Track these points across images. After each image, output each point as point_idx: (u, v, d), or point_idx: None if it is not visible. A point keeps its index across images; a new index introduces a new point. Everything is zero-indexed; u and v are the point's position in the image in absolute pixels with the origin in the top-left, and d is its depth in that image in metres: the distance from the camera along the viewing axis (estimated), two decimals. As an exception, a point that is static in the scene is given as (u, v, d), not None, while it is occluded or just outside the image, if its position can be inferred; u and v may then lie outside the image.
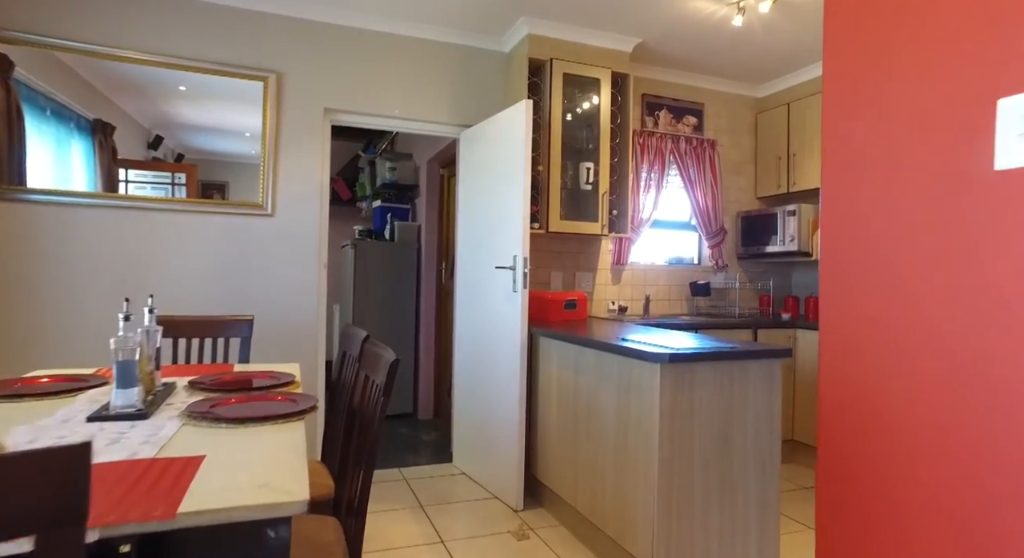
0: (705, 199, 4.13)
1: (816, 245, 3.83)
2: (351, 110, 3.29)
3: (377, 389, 1.54)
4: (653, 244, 4.25)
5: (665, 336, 2.51)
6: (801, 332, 3.71)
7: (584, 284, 3.89)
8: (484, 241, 3.27)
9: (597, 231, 3.49)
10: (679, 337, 2.48)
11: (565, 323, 3.23)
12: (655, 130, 4.04)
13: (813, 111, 3.93)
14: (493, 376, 3.12)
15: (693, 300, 4.20)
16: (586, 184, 3.50)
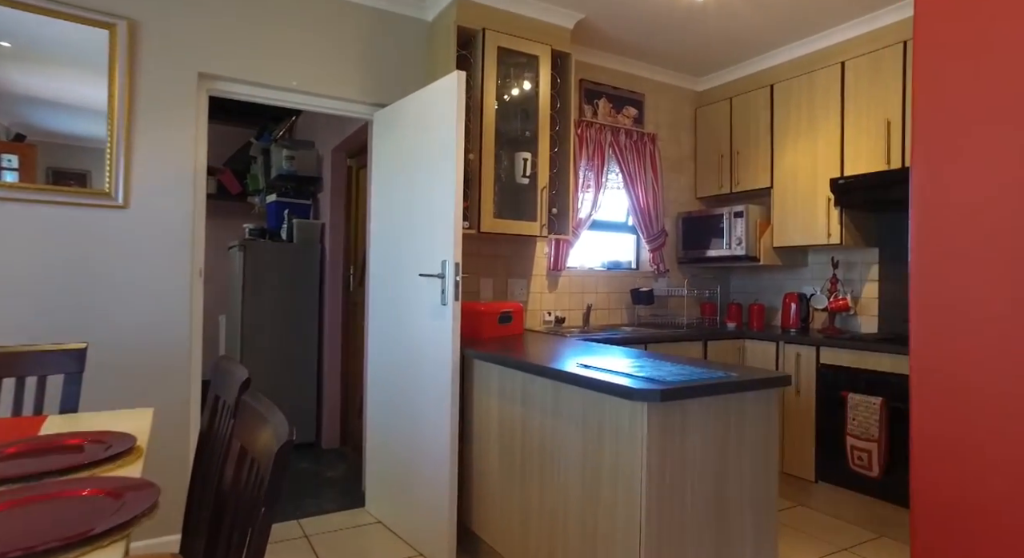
0: (646, 198, 3.79)
1: (764, 248, 3.59)
2: (236, 77, 2.61)
3: (259, 477, 0.97)
4: (589, 247, 3.85)
5: (631, 359, 2.09)
6: (750, 343, 3.45)
7: (518, 293, 3.42)
8: (405, 244, 2.71)
9: (535, 232, 3.03)
10: (647, 360, 2.06)
11: (501, 340, 2.74)
12: (594, 120, 3.64)
13: (757, 107, 3.69)
14: (416, 407, 2.57)
15: (634, 309, 3.85)
16: (523, 177, 3.03)
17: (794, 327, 3.50)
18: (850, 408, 2.89)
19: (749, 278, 4.12)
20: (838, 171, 3.25)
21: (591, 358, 2.09)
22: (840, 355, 2.98)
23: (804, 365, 3.15)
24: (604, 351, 2.33)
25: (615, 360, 2.03)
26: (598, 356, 2.15)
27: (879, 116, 3.07)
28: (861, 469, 2.83)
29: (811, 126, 3.39)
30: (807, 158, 3.40)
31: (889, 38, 3.07)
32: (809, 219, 3.39)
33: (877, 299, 3.38)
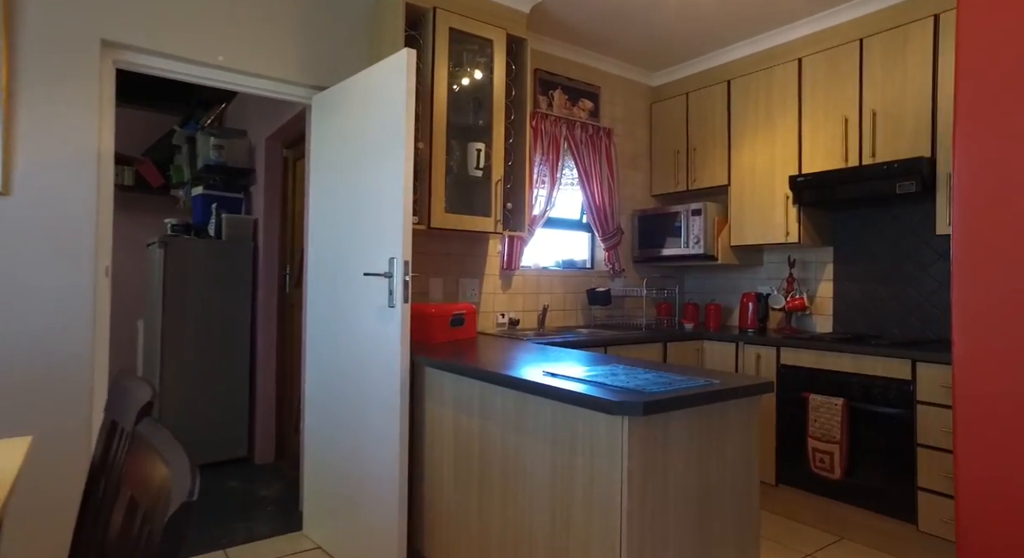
0: (601, 195, 3.65)
1: (722, 247, 3.51)
2: (149, 48, 2.29)
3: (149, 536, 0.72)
4: (543, 246, 3.68)
5: (602, 366, 1.91)
6: (708, 344, 3.36)
7: (470, 293, 3.20)
8: (348, 240, 2.45)
9: (489, 228, 2.83)
10: (620, 366, 1.89)
11: (453, 345, 2.52)
12: (549, 112, 3.48)
13: (714, 103, 3.62)
14: (361, 419, 2.32)
15: (589, 309, 3.71)
16: (476, 169, 2.82)
17: (752, 327, 3.44)
18: (811, 410, 2.83)
19: (705, 277, 4.05)
20: (796, 169, 3.20)
21: (556, 365, 1.90)
22: (801, 355, 2.92)
23: (764, 366, 3.08)
24: (567, 356, 2.15)
25: (584, 367, 1.85)
26: (563, 363, 1.97)
27: (837, 114, 3.04)
28: (822, 471, 2.77)
29: (769, 123, 3.33)
30: (765, 155, 3.35)
31: (845, 36, 3.04)
32: (767, 217, 3.33)
33: (832, 298, 3.36)
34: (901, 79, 2.81)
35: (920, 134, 2.74)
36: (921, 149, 2.74)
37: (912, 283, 3.05)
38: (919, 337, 2.99)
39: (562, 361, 1.99)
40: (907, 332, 3.06)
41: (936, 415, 2.47)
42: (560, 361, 1.99)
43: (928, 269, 2.99)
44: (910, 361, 2.55)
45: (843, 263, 3.32)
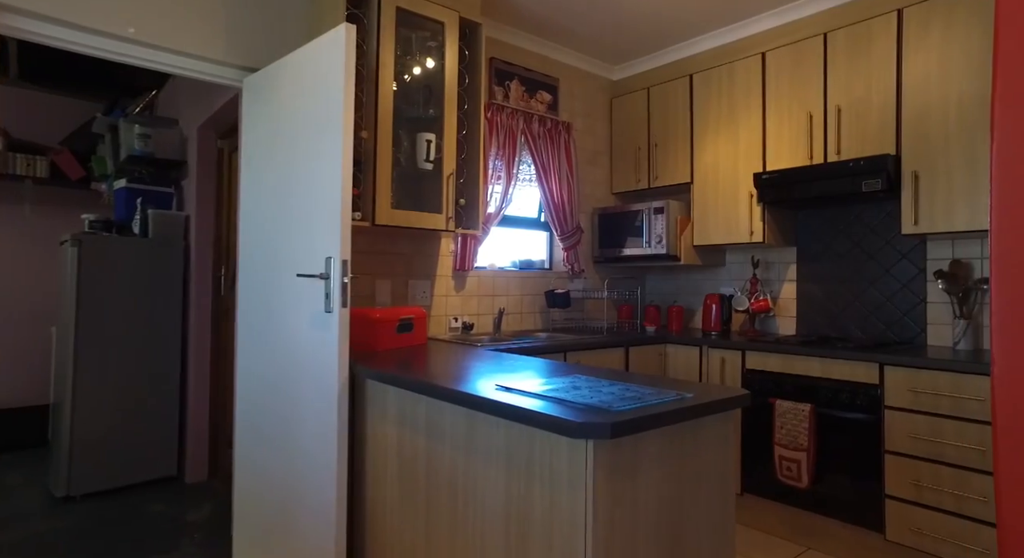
0: (560, 192, 3.48)
1: (684, 247, 3.39)
2: (40, 12, 1.99)
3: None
4: (499, 245, 3.49)
5: (561, 378, 1.73)
6: (672, 348, 3.23)
7: (420, 296, 2.98)
8: (281, 238, 2.21)
9: (440, 225, 2.62)
10: (581, 378, 1.71)
11: (400, 353, 2.30)
12: (505, 104, 3.29)
13: (676, 98, 3.50)
14: (295, 437, 2.08)
15: (548, 312, 3.53)
16: (426, 162, 2.60)
17: (715, 330, 3.33)
18: (778, 416, 2.72)
19: (667, 278, 3.93)
20: (761, 166, 3.10)
21: (511, 378, 1.71)
22: (767, 359, 2.81)
23: (729, 371, 2.96)
24: (523, 365, 1.96)
25: (542, 379, 1.67)
26: (519, 374, 1.78)
27: (801, 110, 2.95)
28: (789, 480, 2.67)
29: (732, 119, 3.23)
30: (728, 152, 3.24)
31: (809, 29, 2.95)
32: (731, 216, 3.22)
33: (795, 299, 3.28)
34: (865, 75, 2.74)
35: (885, 131, 2.67)
36: (886, 146, 2.67)
37: (875, 284, 2.98)
38: (882, 339, 2.93)
39: (518, 372, 1.80)
40: (870, 333, 2.99)
41: (904, 420, 2.38)
42: (516, 372, 1.80)
43: (891, 269, 2.93)
44: (878, 365, 2.46)
45: (806, 263, 3.24)
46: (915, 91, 2.58)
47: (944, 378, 2.29)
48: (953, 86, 2.48)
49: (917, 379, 2.36)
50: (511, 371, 1.81)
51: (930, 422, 2.32)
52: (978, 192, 2.41)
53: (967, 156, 2.44)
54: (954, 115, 2.47)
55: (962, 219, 2.46)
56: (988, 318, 2.65)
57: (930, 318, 2.81)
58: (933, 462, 2.32)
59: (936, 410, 2.31)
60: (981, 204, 2.41)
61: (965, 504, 2.23)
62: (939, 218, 2.51)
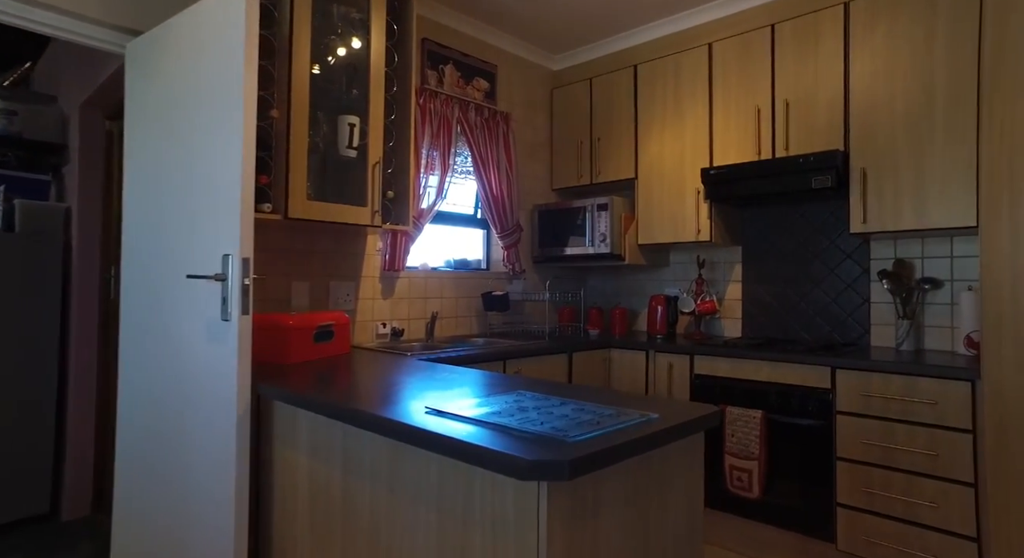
0: (499, 186, 3.25)
1: (629, 246, 3.23)
2: None
3: None
4: (432, 243, 3.22)
5: (504, 397, 1.49)
6: (617, 352, 3.06)
7: (343, 300, 2.67)
8: (170, 233, 1.86)
9: (365, 220, 2.33)
10: (528, 397, 1.48)
11: (318, 365, 2.00)
12: (439, 89, 3.02)
13: (620, 89, 3.34)
14: (186, 468, 1.74)
15: (485, 316, 3.29)
16: (349, 148, 2.31)
17: (661, 333, 3.19)
18: (728, 423, 2.59)
19: (609, 279, 3.77)
20: (707, 161, 2.98)
21: (444, 397, 1.46)
22: (716, 364, 2.68)
23: (677, 376, 2.82)
24: (459, 379, 1.71)
25: (480, 399, 1.42)
26: (454, 392, 1.52)
27: (749, 103, 2.84)
28: (740, 491, 2.54)
29: (678, 112, 3.09)
30: (674, 147, 3.10)
31: (757, 20, 2.85)
32: (677, 214, 3.09)
33: (741, 301, 3.18)
34: (813, 69, 2.65)
35: (833, 127, 2.59)
36: (834, 143, 2.59)
37: (820, 284, 2.92)
38: (828, 340, 2.86)
39: (453, 388, 1.55)
40: (815, 335, 2.93)
41: (855, 425, 2.30)
42: (450, 388, 1.55)
43: (835, 270, 2.87)
44: (829, 369, 2.37)
45: (752, 263, 3.15)
46: (862, 87, 2.51)
47: (896, 381, 2.21)
48: (899, 83, 2.42)
49: (869, 383, 2.27)
50: (445, 387, 1.55)
51: (881, 427, 2.24)
52: (925, 191, 2.36)
53: (913, 154, 2.38)
54: (901, 113, 2.41)
55: (909, 218, 2.40)
56: (930, 319, 2.62)
57: (874, 319, 2.76)
58: (884, 468, 2.24)
59: (887, 414, 2.23)
60: (928, 203, 2.35)
61: (915, 510, 2.16)
62: (887, 217, 2.45)
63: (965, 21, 2.27)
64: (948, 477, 2.11)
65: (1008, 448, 1.94)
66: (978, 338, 2.41)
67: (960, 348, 2.45)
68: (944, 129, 2.32)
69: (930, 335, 2.62)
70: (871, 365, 2.26)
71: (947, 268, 2.59)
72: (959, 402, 2.10)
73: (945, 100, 2.31)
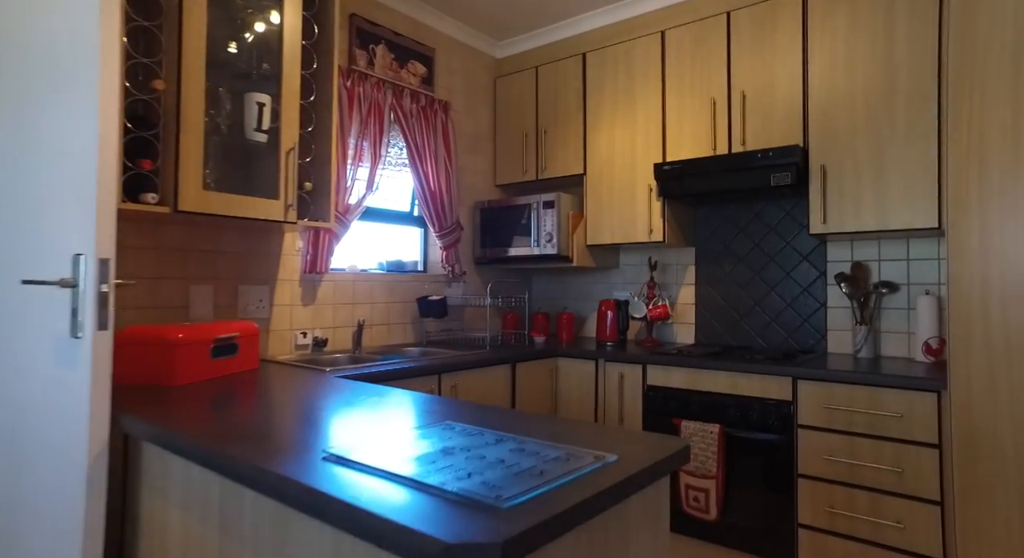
0: (437, 180, 2.97)
1: (577, 246, 3.01)
2: None
3: None
4: (362, 243, 2.91)
5: (428, 431, 1.23)
6: (564, 362, 2.83)
7: (255, 307, 2.33)
8: (2, 226, 1.49)
9: (276, 214, 2.01)
10: (458, 433, 1.21)
11: (213, 388, 1.67)
12: (370, 72, 2.71)
13: (567, 79, 3.12)
14: (19, 534, 1.38)
15: (421, 322, 3.00)
16: (257, 131, 1.98)
17: (611, 340, 2.98)
18: (683, 438, 2.40)
19: (554, 283, 3.55)
20: (660, 156, 2.79)
21: (355, 433, 1.17)
22: (671, 375, 2.49)
23: (629, 387, 2.61)
24: (380, 403, 1.42)
25: (400, 434, 1.14)
26: (369, 424, 1.24)
27: (704, 95, 2.67)
28: (697, 512, 2.35)
29: (629, 104, 2.89)
30: (625, 141, 2.90)
31: (712, 7, 2.68)
32: (628, 212, 2.89)
33: (694, 305, 3.01)
34: (770, 59, 2.50)
35: (792, 121, 2.44)
36: (793, 137, 2.44)
37: (776, 288, 2.78)
38: (785, 347, 2.73)
39: (370, 416, 1.27)
40: (771, 341, 2.78)
41: (817, 440, 2.14)
42: (367, 416, 1.26)
43: (791, 272, 2.74)
44: (791, 379, 2.21)
45: (705, 265, 2.99)
46: (821, 81, 2.37)
47: (860, 393, 2.07)
48: (859, 78, 2.28)
49: (832, 394, 2.12)
50: (360, 416, 1.26)
51: (845, 441, 2.09)
52: (887, 191, 2.23)
53: (874, 152, 2.25)
54: (861, 107, 2.28)
55: (870, 219, 2.27)
56: (886, 324, 2.51)
57: (830, 324, 2.63)
58: (848, 485, 2.09)
59: (851, 428, 2.09)
60: (890, 204, 2.23)
61: (881, 531, 2.02)
62: (848, 217, 2.31)
63: (924, 14, 2.16)
64: (914, 495, 1.98)
65: (977, 465, 1.82)
66: (937, 345, 2.31)
67: (918, 355, 2.34)
68: (905, 126, 2.19)
69: (887, 341, 2.51)
70: (834, 375, 2.11)
71: (903, 271, 2.49)
72: (925, 415, 1.96)
73: (906, 96, 2.19)
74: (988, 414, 1.80)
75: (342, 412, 1.33)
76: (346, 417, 1.28)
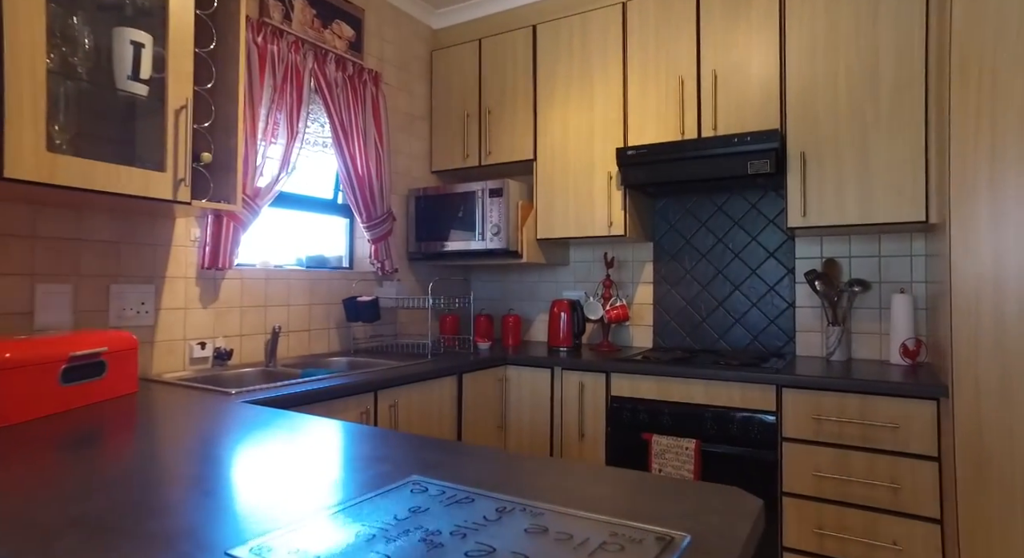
0: (366, 164, 2.55)
1: (525, 241, 2.68)
2: None
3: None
4: (276, 234, 2.44)
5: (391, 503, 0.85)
6: (514, 371, 2.49)
7: (133, 311, 1.83)
8: None
9: (164, 191, 1.54)
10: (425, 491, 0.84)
11: (62, 425, 1.20)
12: (286, 27, 2.26)
13: (516, 53, 2.79)
14: None
15: (348, 328, 2.57)
16: (133, 81, 1.50)
17: (565, 345, 2.68)
18: (655, 456, 2.13)
19: (497, 281, 3.21)
20: (622, 140, 2.52)
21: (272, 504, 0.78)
22: (639, 384, 2.21)
23: (591, 399, 2.31)
24: (306, 444, 1.02)
25: (342, 508, 0.76)
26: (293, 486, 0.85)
27: (671, 73, 2.42)
28: (671, 539, 2.08)
29: (586, 82, 2.60)
30: (582, 123, 2.61)
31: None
32: (585, 203, 2.59)
33: (652, 305, 2.77)
34: (744, 37, 2.28)
35: (768, 104, 2.23)
36: (769, 122, 2.23)
37: (740, 286, 2.58)
38: (752, 350, 2.53)
39: (292, 469, 0.87)
40: (735, 345, 2.58)
41: (804, 454, 1.93)
42: (288, 469, 0.87)
43: (757, 270, 2.55)
44: (775, 388, 1.99)
45: (664, 262, 2.75)
46: (800, 61, 2.17)
47: (851, 401, 1.87)
48: (841, 60, 2.11)
49: (821, 404, 1.92)
50: (278, 469, 0.86)
51: (835, 455, 1.89)
52: (871, 181, 2.06)
53: (858, 139, 2.08)
54: (843, 92, 2.10)
55: (854, 211, 2.09)
56: (858, 324, 2.37)
57: (799, 325, 2.46)
58: (838, 504, 1.89)
59: (842, 441, 1.89)
60: (875, 195, 2.06)
61: (874, 554, 1.83)
62: (829, 209, 2.13)
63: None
64: (912, 513, 1.80)
65: (986, 480, 1.65)
66: (914, 346, 2.18)
67: (894, 357, 2.19)
68: (890, 113, 2.03)
69: (859, 342, 2.37)
70: (824, 383, 1.90)
71: (875, 268, 2.35)
72: (923, 425, 1.79)
73: (892, 81, 2.03)
74: (999, 423, 1.64)
75: (254, 464, 0.92)
76: (260, 474, 0.87)
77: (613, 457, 2.25)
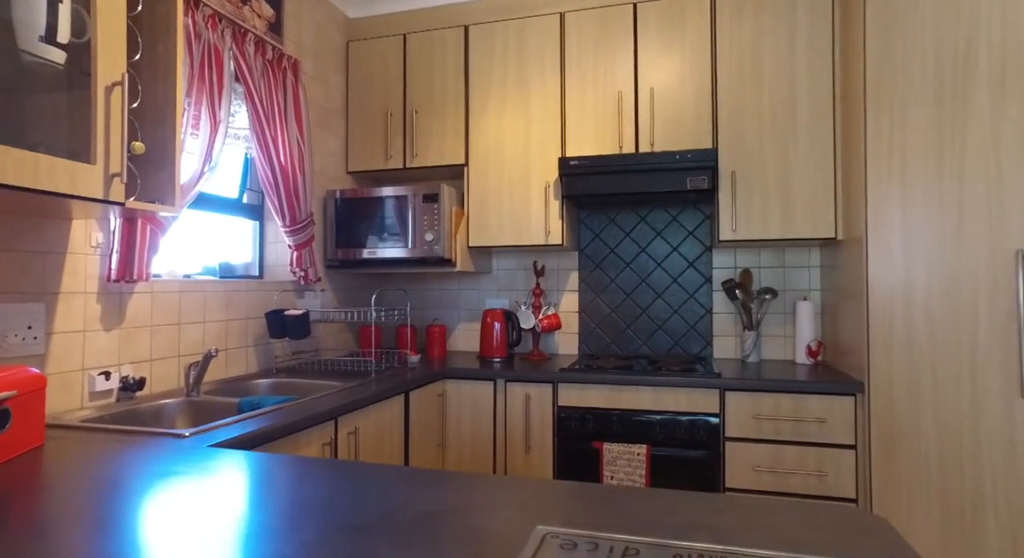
0: (290, 161, 2.28)
1: (459, 249, 2.58)
2: None
3: None
4: (179, 238, 2.09)
5: None
6: (453, 384, 2.39)
7: (17, 337, 1.45)
8: None
9: (95, 190, 1.24)
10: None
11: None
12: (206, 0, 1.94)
13: (446, 53, 2.67)
14: None
15: (268, 345, 2.28)
16: (46, 43, 1.19)
17: (499, 356, 2.62)
18: (607, 464, 2.17)
19: (418, 291, 3.05)
20: (559, 150, 2.52)
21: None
22: (587, 393, 2.23)
23: (537, 410, 2.29)
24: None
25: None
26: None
27: (609, 87, 2.47)
28: (624, 543, 2.13)
29: (522, 89, 2.57)
30: (517, 130, 2.57)
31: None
32: (521, 211, 2.56)
33: (578, 313, 2.82)
34: (679, 56, 2.41)
35: (702, 124, 2.38)
36: (703, 141, 2.38)
37: (663, 294, 2.72)
38: (673, 355, 2.68)
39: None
40: (657, 349, 2.72)
41: (745, 452, 2.09)
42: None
43: (678, 279, 2.71)
44: (718, 391, 2.12)
45: (589, 271, 2.81)
46: (730, 84, 2.35)
47: (787, 401, 2.06)
48: (765, 86, 2.31)
49: (760, 404, 2.08)
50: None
51: (772, 450, 2.07)
52: (792, 200, 2.28)
53: (780, 161, 2.29)
54: (768, 116, 2.31)
55: (776, 228, 2.30)
56: (767, 329, 2.61)
57: (716, 330, 2.66)
58: (775, 494, 2.07)
59: (778, 437, 2.07)
60: (794, 213, 2.28)
61: (805, 537, 2.03)
62: (756, 225, 2.32)
63: (821, 33, 2.26)
64: (835, 496, 2.02)
65: (897, 462, 1.91)
66: (816, 347, 2.45)
67: (800, 357, 2.45)
68: (808, 138, 2.27)
69: (768, 345, 2.61)
70: (763, 385, 2.07)
71: (780, 278, 2.61)
72: (844, 418, 2.02)
73: (808, 109, 2.27)
74: (908, 413, 1.90)
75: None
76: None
77: (563, 468, 2.24)
